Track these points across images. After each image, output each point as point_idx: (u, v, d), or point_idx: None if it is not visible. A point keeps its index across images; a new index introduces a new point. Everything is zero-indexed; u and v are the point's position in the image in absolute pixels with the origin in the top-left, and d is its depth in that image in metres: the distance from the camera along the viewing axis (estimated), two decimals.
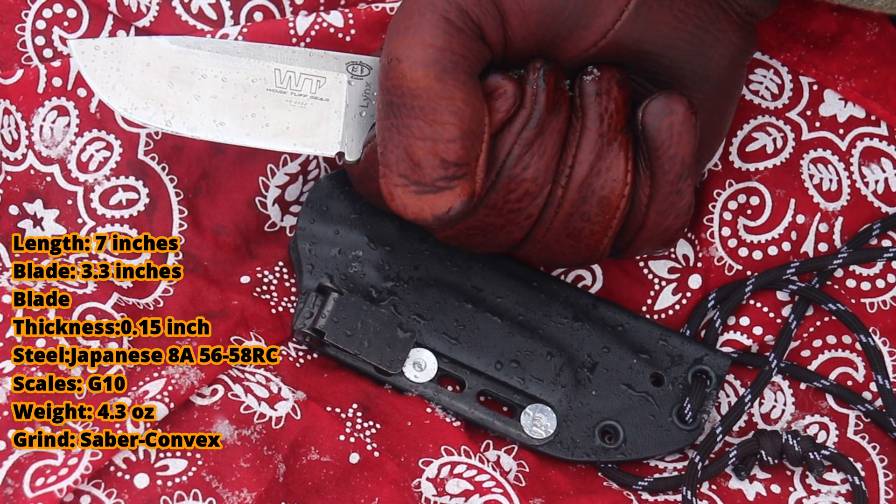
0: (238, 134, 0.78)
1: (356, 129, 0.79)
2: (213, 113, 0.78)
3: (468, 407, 0.83)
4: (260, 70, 0.78)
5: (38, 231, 0.83)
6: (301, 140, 0.78)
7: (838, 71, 0.86)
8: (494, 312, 0.84)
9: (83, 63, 0.78)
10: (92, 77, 0.78)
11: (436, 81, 0.73)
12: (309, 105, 0.78)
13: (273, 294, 0.85)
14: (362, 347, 0.81)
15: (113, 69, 0.78)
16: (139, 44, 0.78)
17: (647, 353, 0.84)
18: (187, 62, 0.78)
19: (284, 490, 0.77)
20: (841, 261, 0.85)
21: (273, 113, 0.78)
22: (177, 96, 0.78)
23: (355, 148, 0.79)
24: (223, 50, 0.78)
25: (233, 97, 0.78)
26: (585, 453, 0.83)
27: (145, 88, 0.78)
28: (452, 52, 0.73)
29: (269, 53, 0.78)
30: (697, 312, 0.86)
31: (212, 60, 0.78)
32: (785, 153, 0.87)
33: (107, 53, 0.78)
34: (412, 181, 0.74)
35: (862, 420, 0.86)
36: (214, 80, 0.78)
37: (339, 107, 0.79)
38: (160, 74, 0.78)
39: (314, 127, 0.78)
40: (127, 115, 0.78)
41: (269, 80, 0.78)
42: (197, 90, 0.78)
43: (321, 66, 0.79)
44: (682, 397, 0.83)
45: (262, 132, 0.78)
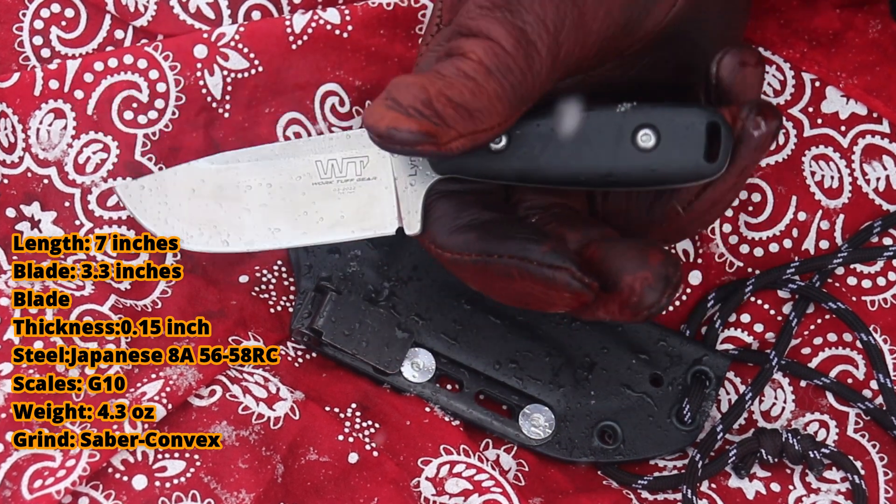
0: (294, 235, 0.77)
1: (410, 199, 0.76)
2: (265, 221, 0.77)
3: (466, 407, 0.83)
4: (302, 167, 0.77)
5: (36, 233, 0.83)
6: (358, 225, 0.77)
7: (840, 68, 0.86)
8: (493, 313, 0.84)
9: (132, 206, 0.79)
10: (143, 217, 0.79)
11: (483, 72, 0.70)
12: (358, 188, 0.77)
13: (272, 293, 0.85)
14: (360, 347, 0.81)
15: (161, 204, 0.78)
16: (180, 172, 0.78)
17: (645, 353, 0.84)
18: (230, 178, 0.78)
19: (283, 490, 0.77)
20: (841, 260, 0.85)
21: (324, 206, 0.77)
22: (228, 214, 0.78)
23: (414, 220, 0.76)
24: (262, 156, 0.77)
25: (281, 200, 0.77)
26: (584, 454, 0.83)
27: (196, 215, 0.78)
28: (514, 60, 0.70)
29: (307, 147, 0.77)
30: (697, 312, 0.86)
31: (253, 170, 0.77)
32: (787, 150, 0.86)
33: (152, 190, 0.79)
34: (391, 97, 0.70)
35: (862, 418, 0.86)
36: (260, 189, 0.77)
37: (388, 182, 0.77)
38: (207, 197, 0.78)
39: (368, 209, 0.77)
40: (185, 246, 0.78)
41: (314, 174, 0.77)
42: (245, 203, 0.77)
43: (361, 146, 0.77)
44: (681, 398, 0.83)
45: (317, 227, 0.77)
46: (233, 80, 0.83)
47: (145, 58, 0.83)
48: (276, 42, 0.83)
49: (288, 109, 0.84)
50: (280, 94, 0.83)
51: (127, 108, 0.83)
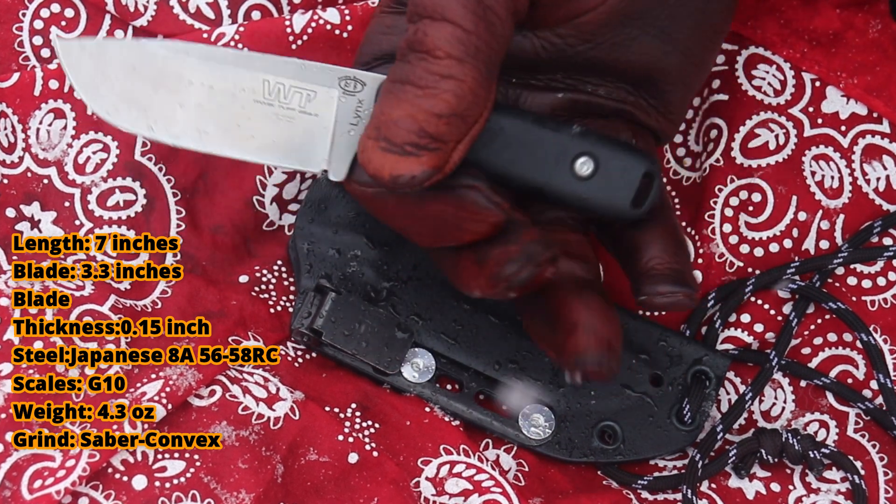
0: (221, 145, 0.75)
1: (344, 147, 0.75)
2: (197, 121, 0.75)
3: (466, 407, 0.83)
4: (248, 80, 0.75)
5: (36, 233, 0.83)
6: (286, 155, 0.75)
7: (841, 68, 0.86)
8: (492, 313, 0.83)
9: (67, 63, 0.75)
10: (76, 78, 0.75)
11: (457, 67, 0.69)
12: (297, 119, 0.75)
13: (272, 293, 0.85)
14: (360, 347, 0.81)
15: (98, 71, 0.75)
16: (126, 46, 0.76)
17: (645, 353, 0.84)
18: (174, 68, 0.75)
19: (283, 490, 0.77)
20: (841, 260, 0.85)
21: (259, 125, 0.75)
22: (161, 102, 0.75)
23: (341, 168, 0.75)
24: (212, 57, 0.75)
25: (218, 106, 0.75)
26: (584, 454, 0.83)
27: (129, 92, 0.75)
28: (478, 37, 0.69)
29: (260, 63, 0.75)
30: (697, 312, 0.86)
31: (199, 67, 0.75)
32: (787, 150, 0.86)
33: (92, 55, 0.75)
34: (383, 136, 0.69)
35: (862, 418, 0.86)
36: (201, 88, 0.75)
37: (328, 123, 0.75)
38: (145, 79, 0.75)
39: (301, 142, 0.75)
40: (109, 119, 0.75)
41: (258, 91, 0.75)
42: (182, 97, 0.75)
43: (312, 80, 0.75)
44: (681, 398, 0.83)
45: (246, 144, 0.75)
46: None
47: None
48: (275, 42, 0.83)
49: None
50: None
51: None
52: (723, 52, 0.87)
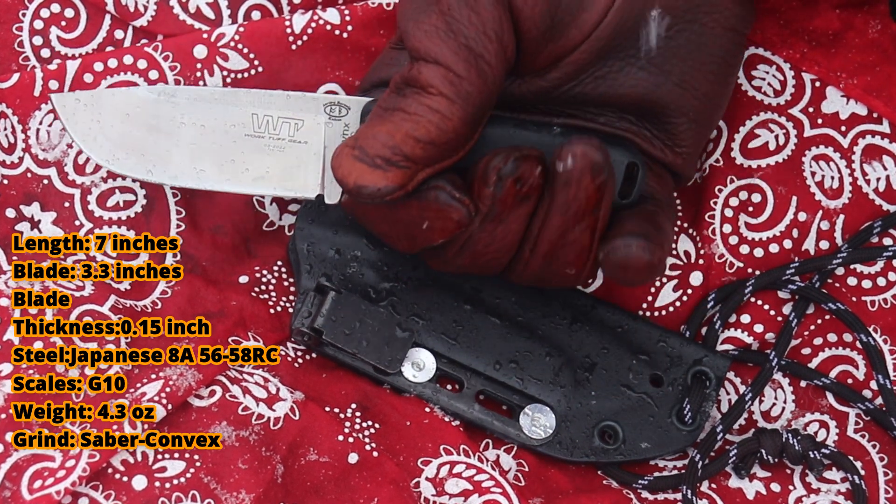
0: (218, 180, 0.79)
1: None
2: (192, 160, 0.79)
3: (467, 407, 0.83)
4: (238, 116, 0.79)
5: (36, 233, 0.83)
6: (281, 184, 0.79)
7: (840, 68, 0.86)
8: (493, 313, 0.83)
9: (65, 116, 0.79)
10: (74, 130, 0.79)
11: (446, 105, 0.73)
12: (288, 149, 0.79)
13: (272, 294, 0.85)
14: (360, 347, 0.81)
15: (94, 121, 0.79)
16: (118, 95, 0.79)
17: (646, 353, 0.84)
18: (165, 111, 0.78)
19: (283, 491, 0.77)
20: (840, 260, 0.85)
21: (252, 158, 0.79)
22: (157, 145, 0.78)
23: (335, 190, 0.78)
24: (200, 97, 0.79)
25: (211, 143, 0.79)
26: (584, 454, 0.83)
27: (126, 139, 0.79)
28: (470, 83, 0.73)
29: (247, 98, 0.79)
30: (697, 313, 0.86)
31: (189, 108, 0.79)
32: (787, 150, 0.86)
33: (87, 106, 0.79)
34: (358, 145, 0.73)
35: (862, 418, 0.86)
36: (193, 128, 0.79)
37: (317, 149, 0.79)
38: (139, 125, 0.79)
39: (294, 170, 0.79)
40: (109, 167, 0.79)
41: (247, 126, 0.79)
42: (176, 138, 0.79)
43: (298, 109, 0.79)
44: (682, 398, 0.83)
45: (241, 178, 0.79)
46: (232, 80, 0.83)
47: (145, 58, 0.83)
48: (275, 42, 0.83)
49: None
50: None
51: None
52: None
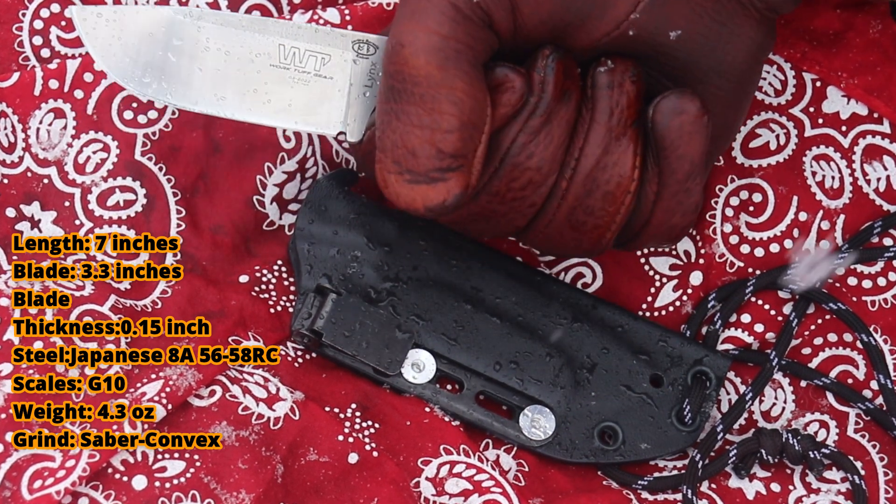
0: (239, 109, 0.77)
1: (359, 108, 0.77)
2: (213, 86, 0.77)
3: (467, 408, 0.83)
4: (264, 45, 0.77)
5: (36, 233, 0.83)
6: (303, 118, 0.77)
7: (841, 68, 0.86)
8: (493, 313, 0.83)
9: (84, 30, 0.76)
10: (92, 44, 0.76)
11: (437, 70, 0.71)
12: (312, 82, 0.77)
13: (272, 293, 0.85)
14: (360, 349, 0.81)
15: (114, 37, 0.76)
16: (142, 13, 0.76)
17: (646, 353, 0.84)
18: (190, 33, 0.76)
19: (283, 491, 0.77)
20: (841, 261, 0.85)
21: (275, 89, 0.77)
22: (178, 68, 0.76)
23: (357, 128, 0.77)
24: (227, 23, 0.77)
25: (235, 71, 0.77)
26: (584, 455, 0.83)
27: (146, 58, 0.76)
28: (457, 41, 0.72)
29: (275, 28, 0.77)
30: (697, 312, 0.86)
31: (215, 33, 0.76)
32: (788, 150, 0.86)
33: (109, 21, 0.76)
34: (406, 169, 0.72)
35: (862, 418, 0.86)
36: (217, 53, 0.77)
37: (342, 85, 0.77)
38: (162, 45, 0.76)
39: (317, 105, 0.77)
40: (126, 85, 0.76)
41: (273, 56, 0.77)
42: (199, 62, 0.76)
43: (326, 43, 0.77)
44: (682, 399, 0.83)
45: (263, 108, 0.77)
46: None
47: None
48: None
49: None
50: None
51: (127, 108, 0.83)
52: None
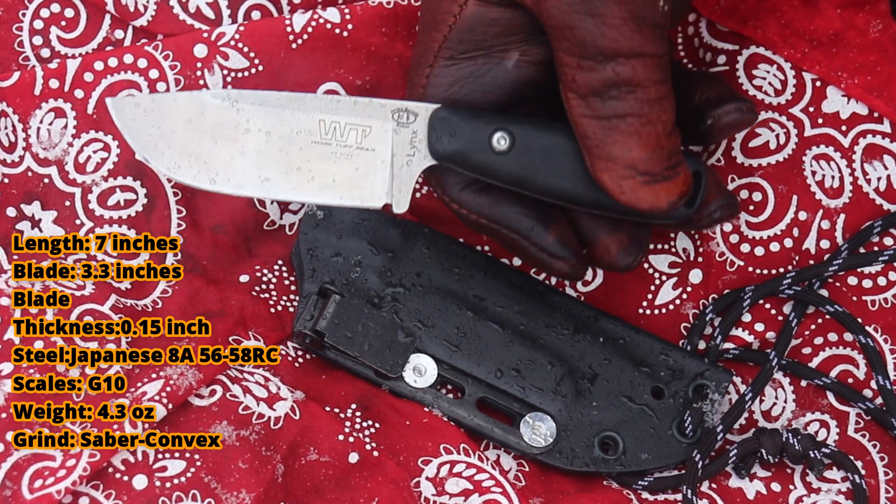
0: (284, 189, 0.76)
1: (403, 178, 0.77)
2: (257, 169, 0.76)
3: (467, 414, 0.82)
4: (304, 122, 0.76)
5: (36, 233, 0.83)
6: (348, 193, 0.77)
7: (841, 68, 0.86)
8: (495, 321, 0.83)
9: (122, 122, 0.76)
10: (133, 137, 0.76)
11: (662, 87, 0.74)
12: (355, 156, 0.77)
13: (272, 293, 0.85)
14: (362, 350, 0.81)
15: (154, 127, 0.76)
16: (180, 99, 0.76)
17: (647, 366, 0.84)
18: (230, 117, 0.76)
19: (283, 490, 0.77)
20: (836, 267, 0.85)
21: (319, 166, 0.76)
22: (221, 153, 0.76)
23: (403, 199, 0.77)
24: (266, 102, 0.76)
25: (278, 151, 0.76)
26: (585, 463, 0.82)
27: (189, 146, 0.76)
28: (664, 55, 0.74)
29: (314, 104, 0.76)
30: (697, 326, 0.86)
31: (255, 114, 0.76)
32: (787, 149, 0.86)
33: (147, 111, 0.76)
34: (641, 172, 0.74)
35: (862, 418, 0.86)
36: (258, 135, 0.76)
37: (385, 157, 0.77)
38: (203, 131, 0.76)
39: (361, 179, 0.77)
40: (171, 175, 0.76)
41: (314, 133, 0.76)
42: (241, 146, 0.76)
43: (366, 115, 0.76)
44: (683, 411, 0.83)
45: (307, 186, 0.76)
46: (233, 79, 0.83)
47: (145, 57, 0.83)
48: (276, 41, 0.83)
49: None
50: None
51: None
52: (724, 53, 0.87)
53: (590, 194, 0.76)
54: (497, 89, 0.76)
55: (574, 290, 0.87)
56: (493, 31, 0.75)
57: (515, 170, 0.76)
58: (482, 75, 0.76)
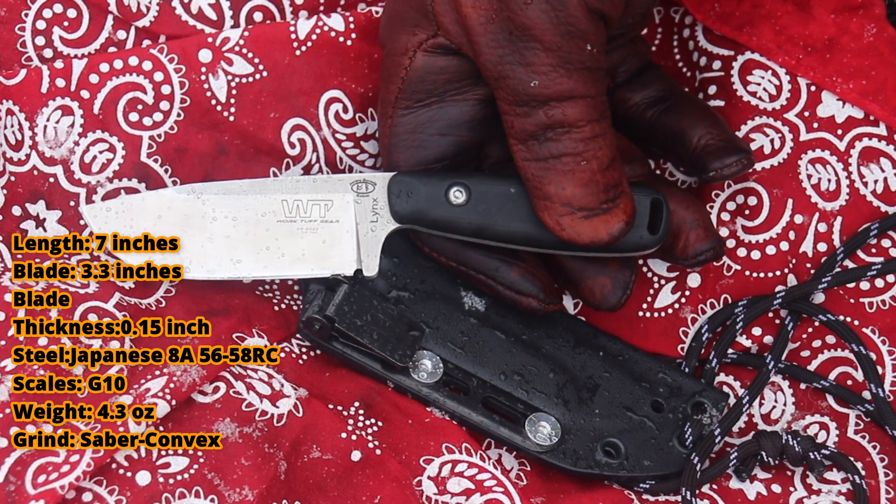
0: (256, 268, 0.81)
1: (370, 244, 0.81)
2: (228, 252, 0.81)
3: (472, 411, 0.82)
4: (268, 204, 0.81)
5: (41, 232, 0.83)
6: (318, 264, 0.81)
7: (836, 73, 0.86)
8: (499, 328, 0.84)
9: (97, 227, 0.81)
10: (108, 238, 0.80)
11: (597, 126, 0.76)
12: (321, 229, 0.81)
13: (276, 292, 0.85)
14: (371, 339, 0.81)
15: (127, 227, 0.80)
16: (148, 199, 0.81)
17: (646, 382, 0.84)
18: (196, 208, 0.80)
19: (286, 488, 0.77)
20: (825, 285, 0.86)
21: (287, 243, 0.81)
22: (191, 242, 0.80)
23: (372, 263, 0.81)
24: (229, 191, 0.81)
25: (245, 234, 0.81)
26: (588, 465, 0.82)
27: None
28: (603, 97, 0.76)
29: (275, 186, 0.81)
30: (693, 348, 0.87)
31: (220, 203, 0.81)
32: (783, 154, 0.87)
33: (118, 213, 0.81)
34: (578, 208, 0.77)
35: (862, 419, 0.86)
36: (225, 221, 0.81)
37: (349, 226, 0.81)
38: (172, 224, 0.80)
39: (329, 249, 0.81)
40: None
41: (279, 212, 0.81)
42: (209, 233, 0.81)
43: (326, 191, 0.81)
44: (683, 424, 0.83)
45: (278, 262, 0.81)
46: (237, 84, 0.83)
47: (150, 60, 0.83)
48: (280, 47, 0.83)
49: (292, 115, 0.84)
50: (284, 100, 0.84)
51: (132, 110, 0.83)
52: (719, 58, 0.88)
53: (548, 236, 0.79)
54: (455, 130, 0.80)
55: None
56: (444, 78, 0.79)
57: (475, 219, 0.80)
58: (438, 119, 0.80)
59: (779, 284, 0.87)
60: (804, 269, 0.87)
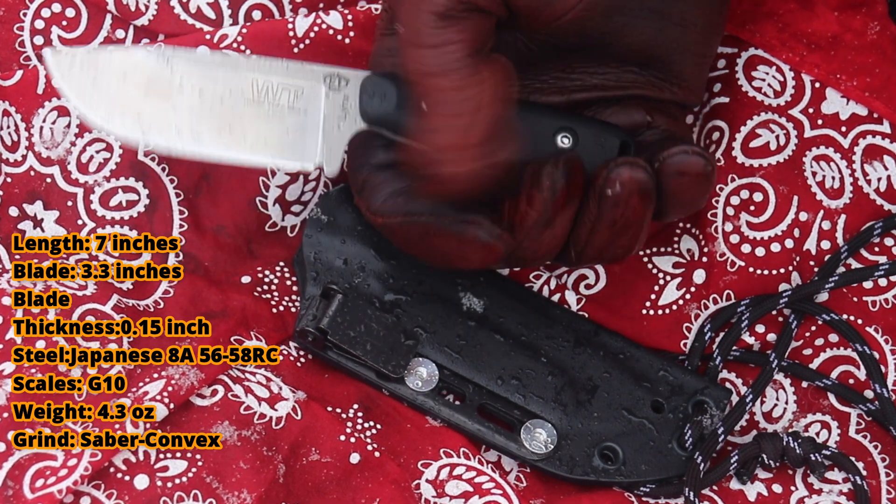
0: (216, 146, 0.77)
1: (334, 141, 0.78)
2: (190, 125, 0.77)
3: (468, 419, 0.82)
4: (237, 81, 0.77)
5: (39, 232, 0.83)
6: (279, 152, 0.78)
7: (840, 70, 0.86)
8: (496, 331, 0.83)
9: (59, 73, 0.77)
10: (68, 87, 0.77)
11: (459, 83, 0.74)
12: (287, 117, 0.78)
13: (274, 294, 0.85)
14: (364, 350, 0.81)
15: (89, 80, 0.77)
16: (115, 54, 0.77)
17: (647, 381, 0.84)
18: (164, 74, 0.77)
19: (285, 490, 0.77)
20: (832, 285, 0.85)
21: (251, 125, 0.77)
22: (154, 108, 0.77)
23: (334, 161, 0.78)
24: (200, 61, 0.77)
25: (210, 109, 0.77)
26: (585, 472, 0.82)
27: (122, 100, 0.77)
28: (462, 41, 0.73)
29: (247, 64, 0.78)
30: (696, 348, 0.86)
31: (188, 71, 0.77)
32: (787, 150, 0.87)
33: (83, 64, 0.77)
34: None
35: (864, 419, 0.86)
36: (191, 92, 0.77)
37: (317, 119, 0.78)
38: (137, 86, 0.77)
39: (293, 139, 0.78)
40: (103, 126, 0.77)
41: (247, 92, 0.78)
42: (174, 102, 0.77)
43: (299, 77, 0.78)
44: (682, 425, 0.83)
45: (239, 144, 0.77)
46: None
47: None
48: (278, 45, 0.83)
49: None
50: None
51: None
52: (723, 56, 0.87)
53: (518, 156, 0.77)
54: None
55: (577, 291, 0.87)
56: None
57: None
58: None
59: (782, 282, 0.86)
60: (808, 267, 0.87)
